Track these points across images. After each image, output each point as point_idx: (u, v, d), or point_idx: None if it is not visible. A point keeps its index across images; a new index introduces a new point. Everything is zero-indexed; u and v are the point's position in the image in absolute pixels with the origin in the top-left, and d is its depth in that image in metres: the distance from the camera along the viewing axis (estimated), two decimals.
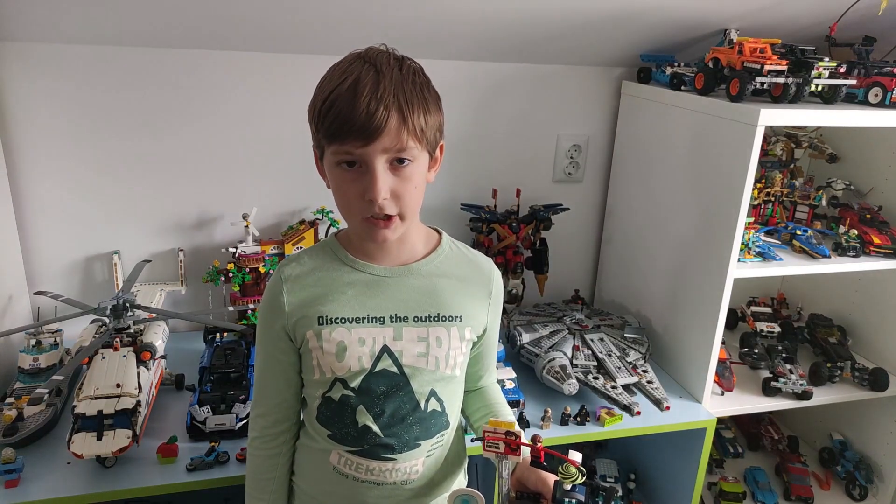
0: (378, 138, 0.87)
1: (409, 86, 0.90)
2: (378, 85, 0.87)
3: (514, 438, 0.89)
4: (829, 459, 2.02)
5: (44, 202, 1.65)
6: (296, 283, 1.00)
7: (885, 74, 1.58)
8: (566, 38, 1.72)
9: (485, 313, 1.07)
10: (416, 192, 0.94)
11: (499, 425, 0.89)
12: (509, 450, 0.89)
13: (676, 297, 1.71)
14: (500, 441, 0.89)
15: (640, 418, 1.51)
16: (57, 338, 1.49)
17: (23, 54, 1.53)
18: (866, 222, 1.76)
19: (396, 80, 0.89)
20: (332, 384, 0.99)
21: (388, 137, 0.87)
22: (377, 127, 0.86)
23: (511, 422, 0.91)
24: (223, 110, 1.69)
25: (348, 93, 0.87)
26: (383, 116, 0.86)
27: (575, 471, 0.88)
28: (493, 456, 0.91)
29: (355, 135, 0.87)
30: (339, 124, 0.87)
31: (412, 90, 0.90)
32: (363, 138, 0.87)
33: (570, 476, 0.87)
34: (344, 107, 0.87)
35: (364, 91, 0.86)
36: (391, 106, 0.87)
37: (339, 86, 0.88)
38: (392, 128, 0.87)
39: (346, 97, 0.87)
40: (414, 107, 0.89)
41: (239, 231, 1.75)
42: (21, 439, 1.28)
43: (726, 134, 1.49)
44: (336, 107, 0.87)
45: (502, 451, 0.89)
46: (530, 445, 0.91)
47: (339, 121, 0.87)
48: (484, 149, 1.90)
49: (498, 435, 0.89)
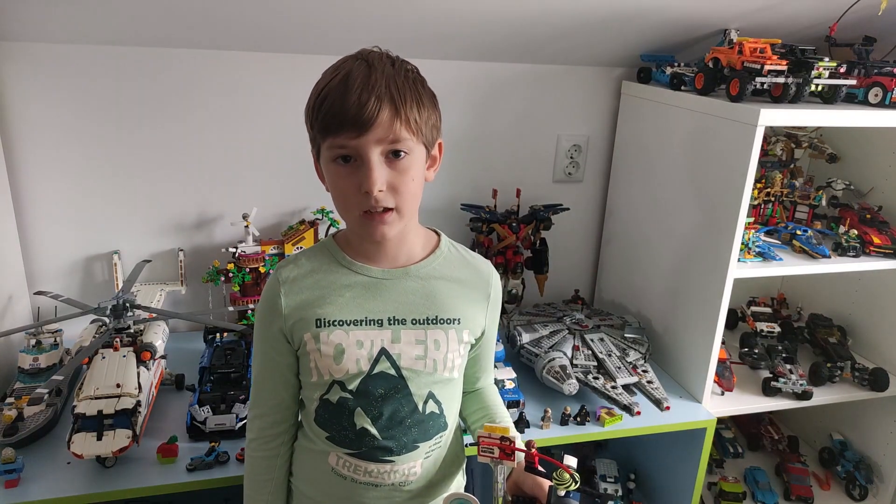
0: (371, 129, 0.87)
1: (402, 80, 0.90)
2: (369, 77, 0.88)
3: (509, 444, 0.89)
4: (829, 459, 2.02)
5: (44, 202, 1.65)
6: (293, 286, 1.00)
7: (885, 74, 1.58)
8: (566, 38, 1.72)
9: (483, 316, 1.07)
10: (413, 185, 0.93)
11: (494, 430, 0.89)
12: (504, 455, 0.89)
13: (676, 297, 1.71)
14: (495, 446, 0.89)
15: (640, 418, 1.51)
16: (57, 338, 1.49)
17: (23, 54, 1.53)
18: (866, 222, 1.76)
19: (388, 73, 0.89)
20: (329, 386, 0.99)
21: (380, 128, 0.88)
22: (369, 117, 0.86)
23: (506, 427, 0.91)
24: (223, 110, 1.69)
25: (340, 86, 0.88)
26: (375, 107, 0.86)
27: (568, 477, 0.87)
28: (488, 461, 0.90)
29: (348, 126, 0.87)
30: (331, 117, 0.88)
31: (404, 83, 0.90)
32: (356, 129, 0.87)
33: (564, 482, 0.87)
34: (336, 100, 0.87)
35: (355, 84, 0.87)
36: (383, 96, 0.87)
37: (330, 81, 0.89)
38: (384, 118, 0.87)
39: (337, 90, 0.88)
40: (406, 98, 0.89)
41: (239, 231, 1.75)
42: (21, 439, 1.28)
43: (726, 134, 1.49)
44: (328, 101, 0.88)
45: (497, 457, 0.89)
46: (524, 451, 0.91)
47: (331, 113, 0.88)
48: (484, 149, 1.90)
49: (493, 440, 0.89)
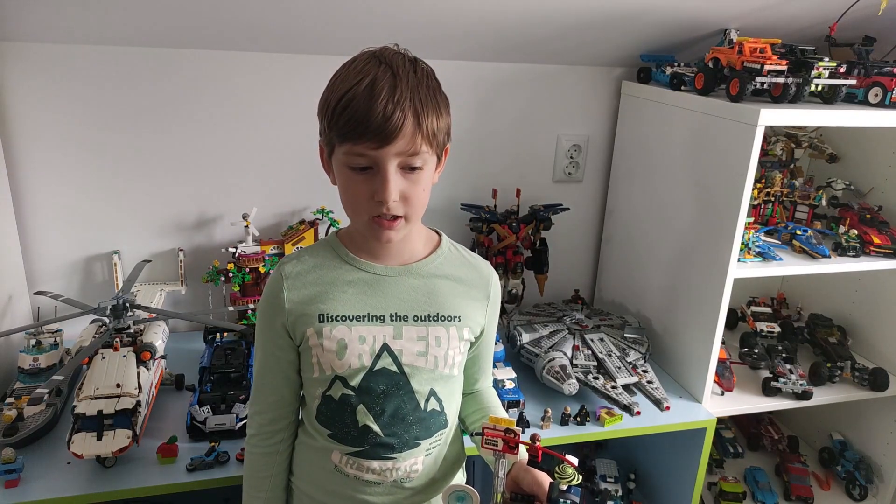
0: (393, 141, 0.87)
1: (424, 89, 0.90)
2: (395, 88, 0.87)
3: (513, 436, 0.88)
4: (829, 459, 2.02)
5: (44, 202, 1.65)
6: (296, 281, 1.00)
7: (885, 74, 1.58)
8: (566, 38, 1.73)
9: (482, 315, 1.07)
10: (423, 195, 0.95)
11: (499, 422, 0.89)
12: (507, 448, 0.89)
13: (676, 296, 1.71)
14: (499, 438, 0.89)
15: (640, 418, 1.51)
16: (57, 338, 1.49)
17: (23, 54, 1.53)
18: (866, 222, 1.76)
19: (412, 83, 0.89)
20: (331, 382, 0.99)
21: (402, 141, 0.87)
22: (393, 130, 0.86)
23: (511, 419, 0.90)
24: (223, 110, 1.69)
25: (365, 93, 0.86)
26: (399, 119, 0.86)
27: (572, 471, 0.87)
28: (490, 453, 0.90)
29: (370, 136, 0.86)
30: (354, 124, 0.87)
31: (427, 94, 0.90)
32: (378, 140, 0.87)
33: (567, 476, 0.87)
34: (360, 107, 0.86)
35: (381, 93, 0.86)
36: (408, 109, 0.87)
37: (355, 85, 0.87)
38: (407, 132, 0.87)
39: (362, 98, 0.86)
40: (429, 111, 0.89)
41: (239, 231, 1.75)
42: (21, 439, 1.28)
43: (726, 134, 1.49)
44: (352, 107, 0.87)
45: (500, 449, 0.89)
46: (529, 444, 0.90)
47: (354, 121, 0.87)
48: (484, 149, 1.90)
49: (497, 432, 0.88)
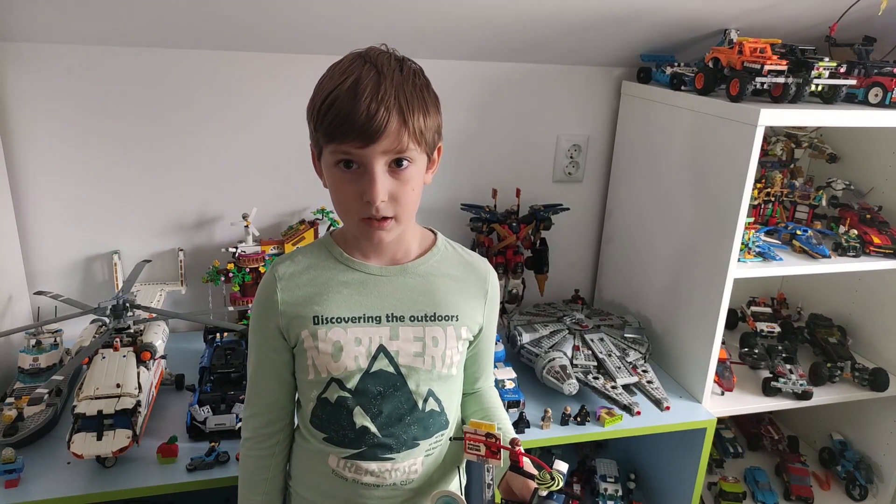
0: (378, 140, 0.87)
1: (410, 87, 0.89)
2: (379, 86, 0.86)
3: (494, 441, 0.86)
4: (829, 459, 2.02)
5: (44, 202, 1.64)
6: (290, 282, 0.99)
7: (885, 74, 1.58)
8: (566, 38, 1.72)
9: (481, 313, 1.06)
10: (413, 195, 0.94)
11: (479, 427, 0.87)
12: (490, 453, 0.87)
13: (676, 296, 1.71)
14: (481, 443, 0.87)
15: (640, 418, 1.51)
16: (57, 338, 1.49)
17: (23, 54, 1.53)
18: (866, 222, 1.76)
19: (397, 81, 0.88)
20: (327, 384, 0.99)
21: (387, 139, 0.87)
22: (377, 128, 0.86)
23: (492, 424, 0.88)
24: (223, 110, 1.69)
25: (349, 93, 0.86)
26: (384, 118, 0.86)
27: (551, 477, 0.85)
28: (474, 458, 0.88)
29: (355, 135, 0.86)
30: (338, 124, 0.87)
31: (413, 92, 0.89)
32: (363, 139, 0.86)
33: (546, 482, 0.86)
34: (344, 107, 0.86)
35: (365, 92, 0.86)
36: (392, 108, 0.86)
37: (339, 85, 0.87)
38: (392, 130, 0.87)
39: (346, 97, 0.86)
40: (414, 109, 0.88)
41: (239, 231, 1.75)
42: (21, 439, 1.28)
43: (726, 134, 1.49)
44: (336, 106, 0.87)
45: (483, 454, 0.87)
46: (508, 449, 0.88)
47: (338, 120, 0.86)
48: (484, 149, 1.90)
49: (478, 437, 0.87)
